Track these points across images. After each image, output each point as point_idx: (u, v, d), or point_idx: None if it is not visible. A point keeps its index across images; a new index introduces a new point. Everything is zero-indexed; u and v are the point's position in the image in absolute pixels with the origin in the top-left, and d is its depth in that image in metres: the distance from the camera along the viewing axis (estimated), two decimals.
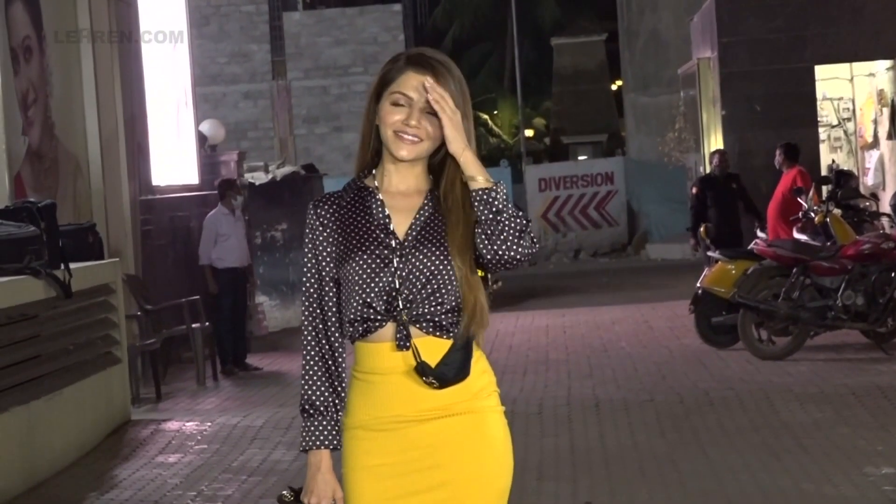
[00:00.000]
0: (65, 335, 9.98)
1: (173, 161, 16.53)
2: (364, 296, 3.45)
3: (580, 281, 23.84)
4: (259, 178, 18.62)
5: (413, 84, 3.44)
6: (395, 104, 3.45)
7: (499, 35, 47.79)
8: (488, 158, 42.97)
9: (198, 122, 18.09)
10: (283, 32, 33.66)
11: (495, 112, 51.13)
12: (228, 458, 9.56)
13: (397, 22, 34.03)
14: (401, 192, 3.52)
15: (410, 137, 3.44)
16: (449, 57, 3.56)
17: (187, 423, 10.90)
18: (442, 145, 3.47)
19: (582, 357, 13.80)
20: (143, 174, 14.68)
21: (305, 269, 3.57)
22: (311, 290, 3.56)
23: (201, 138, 18.20)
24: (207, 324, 13.91)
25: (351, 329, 3.50)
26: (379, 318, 3.46)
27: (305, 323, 3.58)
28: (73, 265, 9.74)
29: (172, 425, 10.86)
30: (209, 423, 10.84)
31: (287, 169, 19.93)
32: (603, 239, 30.35)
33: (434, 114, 3.42)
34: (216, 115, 25.62)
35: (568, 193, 30.29)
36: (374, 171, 3.56)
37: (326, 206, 3.54)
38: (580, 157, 40.94)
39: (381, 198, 3.51)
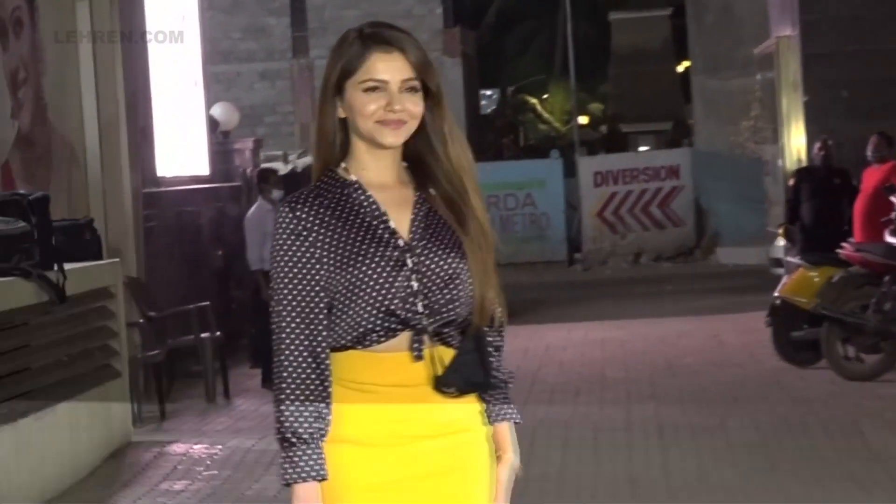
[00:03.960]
0: (58, 345, 10.02)
1: (181, 149, 16.60)
2: (385, 302, 3.46)
3: (641, 288, 23.80)
4: (277, 168, 18.67)
5: (383, 66, 3.49)
6: (370, 90, 3.49)
7: (549, 9, 47.67)
8: (537, 149, 42.96)
9: (208, 105, 18.16)
10: (306, 4, 33.70)
11: (545, 96, 51.06)
12: (241, 486, 9.59)
13: None
14: (383, 185, 3.56)
15: (396, 122, 3.49)
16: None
17: (195, 446, 10.94)
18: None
19: (643, 375, 13.79)
20: (147, 164, 14.74)
21: (280, 283, 3.50)
22: (293, 305, 3.49)
23: (212, 124, 18.27)
24: (219, 333, 13.94)
25: (359, 340, 3.49)
26: (398, 326, 3.47)
27: (285, 343, 3.50)
28: (67, 266, 9.78)
29: (178, 448, 10.90)
30: (220, 447, 10.88)
31: (309, 158, 19.98)
32: (667, 241, 30.28)
33: (412, 90, 3.49)
34: (229, 98, 25.68)
35: (627, 189, 30.24)
36: (343, 166, 3.58)
37: (306, 208, 3.51)
38: (641, 148, 40.91)
39: (370, 193, 3.54)
